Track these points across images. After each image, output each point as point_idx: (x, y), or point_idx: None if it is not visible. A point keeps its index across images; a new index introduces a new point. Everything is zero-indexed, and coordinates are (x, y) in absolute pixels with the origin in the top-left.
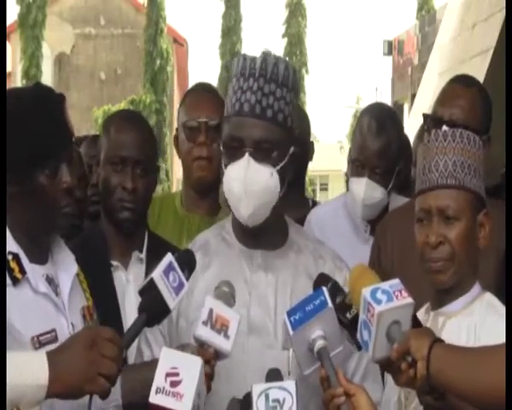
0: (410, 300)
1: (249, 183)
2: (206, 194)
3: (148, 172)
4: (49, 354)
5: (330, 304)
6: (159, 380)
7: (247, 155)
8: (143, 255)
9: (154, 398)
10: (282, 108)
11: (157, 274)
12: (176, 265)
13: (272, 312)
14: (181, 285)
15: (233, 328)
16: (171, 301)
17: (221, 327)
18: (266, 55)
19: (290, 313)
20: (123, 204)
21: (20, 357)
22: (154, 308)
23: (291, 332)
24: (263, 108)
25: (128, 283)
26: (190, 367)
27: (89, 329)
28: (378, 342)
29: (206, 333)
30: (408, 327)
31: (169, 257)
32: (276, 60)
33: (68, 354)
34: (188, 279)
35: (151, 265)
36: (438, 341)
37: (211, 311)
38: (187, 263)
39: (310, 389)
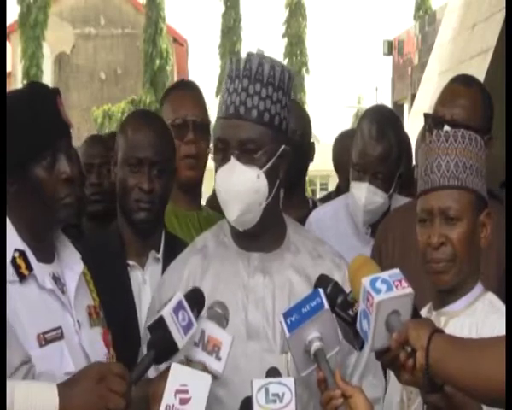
0: (409, 290)
1: (234, 186)
2: (190, 191)
3: (165, 173)
4: (60, 387)
5: (327, 305)
6: (168, 397)
7: (232, 157)
8: (160, 255)
9: None
10: (268, 107)
11: (166, 312)
12: (185, 303)
13: (270, 315)
14: (190, 324)
15: (225, 350)
16: (180, 340)
17: (213, 348)
18: (250, 56)
19: (286, 315)
20: (140, 205)
21: (30, 387)
22: (162, 346)
23: (287, 334)
24: (247, 109)
25: (144, 282)
26: (200, 384)
27: (99, 364)
28: (377, 331)
29: (197, 354)
30: (407, 317)
31: (179, 296)
32: (261, 59)
33: (78, 387)
34: (197, 318)
35: (168, 264)
36: (437, 331)
37: (203, 332)
38: (196, 303)
39: (309, 389)
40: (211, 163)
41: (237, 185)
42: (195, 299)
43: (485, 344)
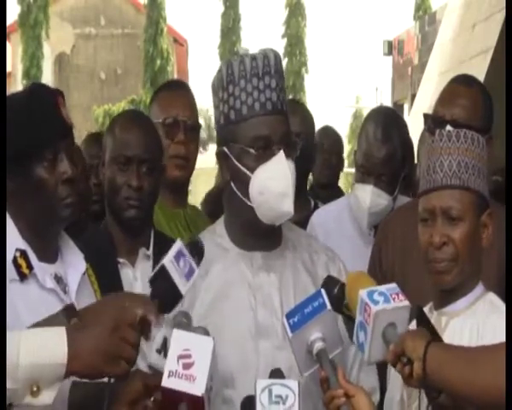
0: (406, 302)
1: (290, 179)
2: (177, 190)
3: (154, 171)
4: (69, 331)
5: (329, 306)
6: (171, 363)
7: (281, 152)
8: (150, 252)
9: (166, 382)
10: (286, 100)
11: (167, 260)
12: (186, 251)
13: (279, 312)
14: (192, 271)
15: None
16: (183, 286)
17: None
18: (275, 52)
19: (289, 316)
20: (129, 202)
21: (38, 334)
22: (165, 295)
23: (290, 335)
24: (281, 103)
25: (135, 280)
26: (202, 348)
27: (114, 310)
28: (374, 343)
29: (159, 362)
30: (404, 330)
31: (178, 244)
32: (279, 55)
33: (91, 334)
34: (198, 265)
35: (158, 261)
36: (434, 340)
37: (165, 339)
38: (196, 251)
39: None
40: (205, 163)
41: (291, 178)
42: (195, 248)
43: (482, 352)
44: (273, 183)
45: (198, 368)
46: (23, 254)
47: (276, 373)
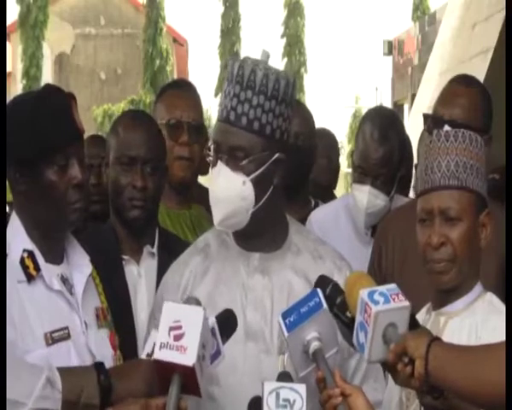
0: (406, 303)
1: (219, 191)
2: (182, 191)
3: (158, 171)
4: None
5: (325, 305)
6: (162, 335)
7: (219, 162)
8: (155, 250)
9: (158, 354)
10: (259, 115)
11: (196, 362)
12: (217, 330)
13: (269, 315)
14: (217, 354)
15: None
16: (205, 366)
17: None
18: (244, 62)
19: (285, 315)
20: (133, 203)
21: None
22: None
23: (286, 334)
24: (237, 116)
25: (140, 277)
26: (192, 319)
27: (138, 403)
28: (374, 343)
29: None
30: (404, 330)
31: (212, 322)
32: (255, 66)
33: None
34: (224, 343)
35: (163, 259)
36: (435, 339)
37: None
38: (228, 327)
39: (308, 390)
40: None
41: (222, 190)
42: (228, 323)
43: (484, 350)
44: (210, 190)
45: (189, 338)
46: (30, 254)
47: (284, 376)
